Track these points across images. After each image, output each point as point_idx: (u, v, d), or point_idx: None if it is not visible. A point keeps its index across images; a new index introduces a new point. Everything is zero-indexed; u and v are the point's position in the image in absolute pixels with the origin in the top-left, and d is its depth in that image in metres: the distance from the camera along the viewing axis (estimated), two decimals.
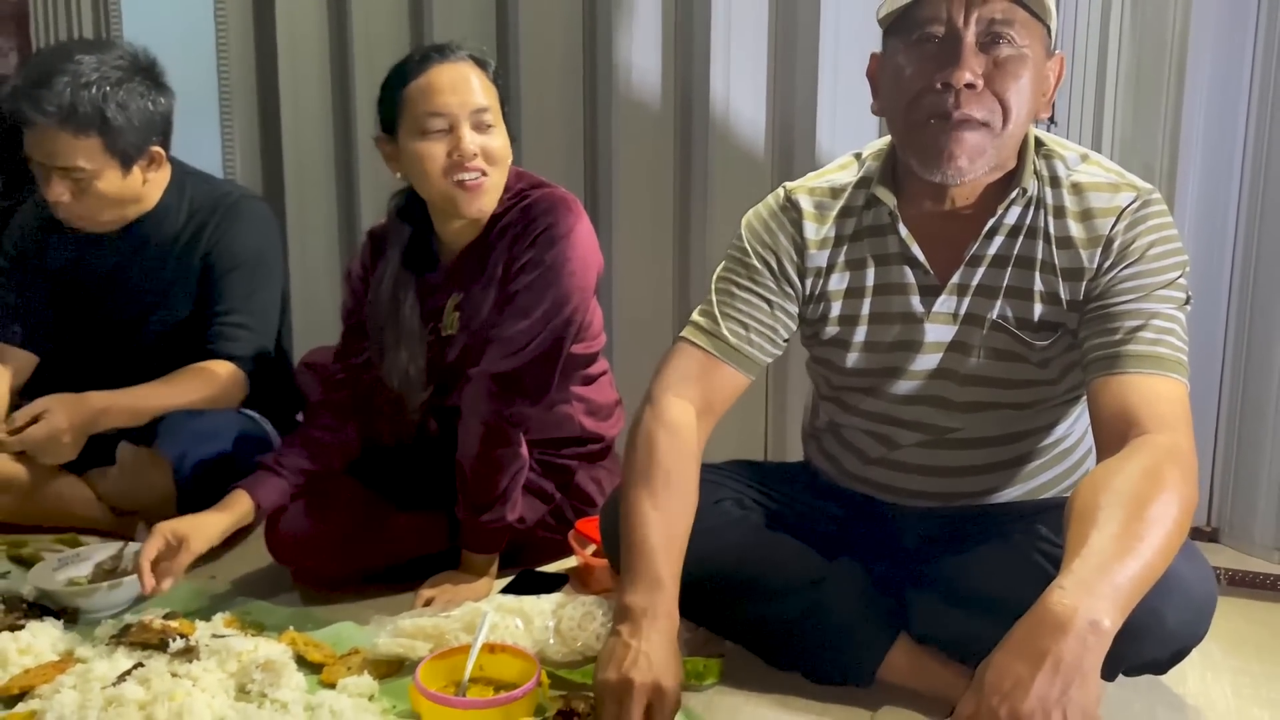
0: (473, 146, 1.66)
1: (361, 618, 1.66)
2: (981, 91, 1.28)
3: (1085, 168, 1.38)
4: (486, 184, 1.69)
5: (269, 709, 1.36)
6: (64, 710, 1.34)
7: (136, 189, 1.94)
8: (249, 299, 2.00)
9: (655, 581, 1.27)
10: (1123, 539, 1.07)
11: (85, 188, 1.87)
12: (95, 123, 1.82)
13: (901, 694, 1.40)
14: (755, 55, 2.19)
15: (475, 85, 1.67)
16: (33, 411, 1.72)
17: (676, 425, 1.39)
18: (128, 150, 1.88)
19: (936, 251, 1.41)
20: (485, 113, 1.67)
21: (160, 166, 1.97)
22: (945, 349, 1.42)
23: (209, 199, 2.02)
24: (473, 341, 1.75)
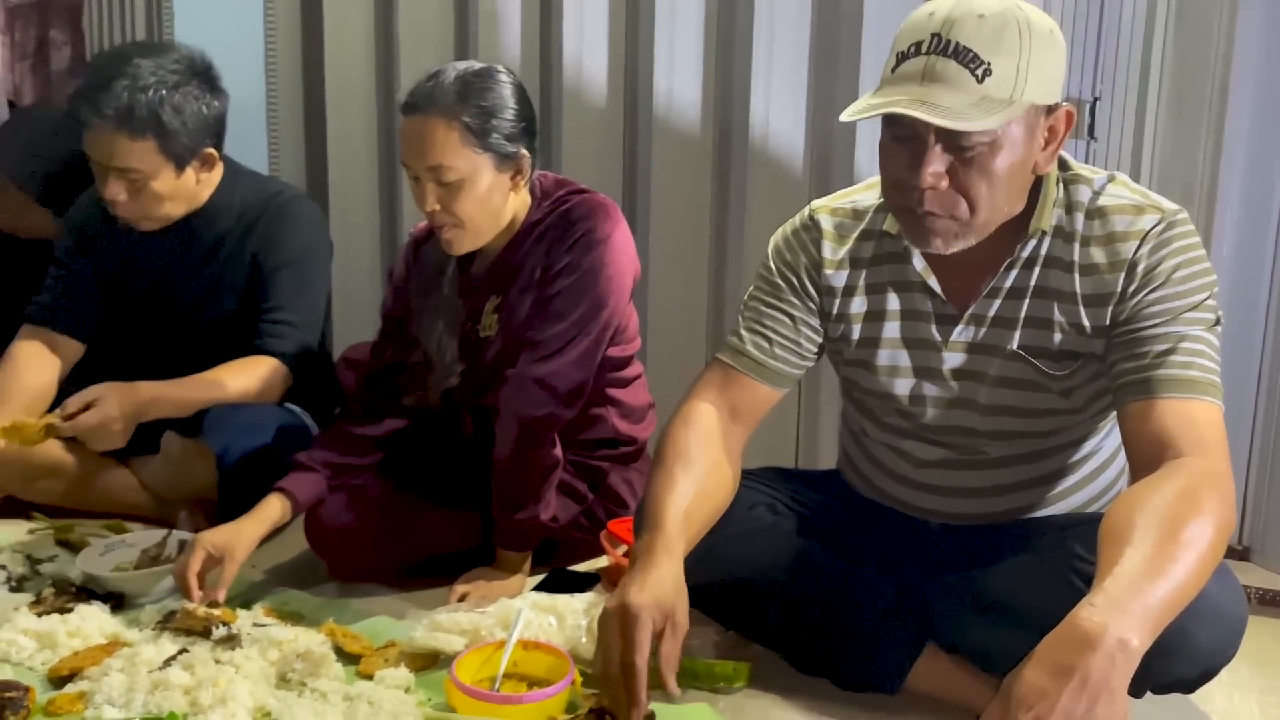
0: (430, 204, 1.67)
1: (398, 611, 1.70)
2: (945, 190, 1.27)
3: (1111, 190, 1.36)
4: (457, 235, 1.70)
5: (308, 698, 1.40)
6: (112, 692, 1.38)
7: (190, 189, 1.98)
8: (295, 297, 2.04)
9: (656, 529, 1.29)
10: (1156, 559, 1.08)
11: (140, 188, 1.91)
12: (151, 125, 1.86)
13: (927, 702, 1.42)
14: (795, 75, 2.22)
15: (434, 143, 1.63)
16: (85, 399, 1.77)
17: (698, 421, 1.43)
18: (182, 152, 1.92)
19: (954, 281, 1.42)
20: (440, 172, 1.64)
21: (213, 167, 2.01)
22: (963, 378, 1.43)
23: (260, 198, 2.06)
24: (510, 343, 1.78)
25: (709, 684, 1.48)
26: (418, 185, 1.68)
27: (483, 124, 1.65)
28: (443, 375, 1.84)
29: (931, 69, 1.22)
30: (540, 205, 1.79)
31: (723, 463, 1.41)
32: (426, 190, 1.66)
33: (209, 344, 2.03)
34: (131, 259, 2.07)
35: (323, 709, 1.36)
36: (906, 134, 1.27)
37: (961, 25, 1.22)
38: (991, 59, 1.21)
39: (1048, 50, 1.25)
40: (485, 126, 1.66)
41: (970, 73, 1.21)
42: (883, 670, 1.44)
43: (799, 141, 2.24)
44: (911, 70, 1.24)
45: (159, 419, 1.91)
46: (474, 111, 1.65)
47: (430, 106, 1.65)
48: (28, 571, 1.79)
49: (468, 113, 1.64)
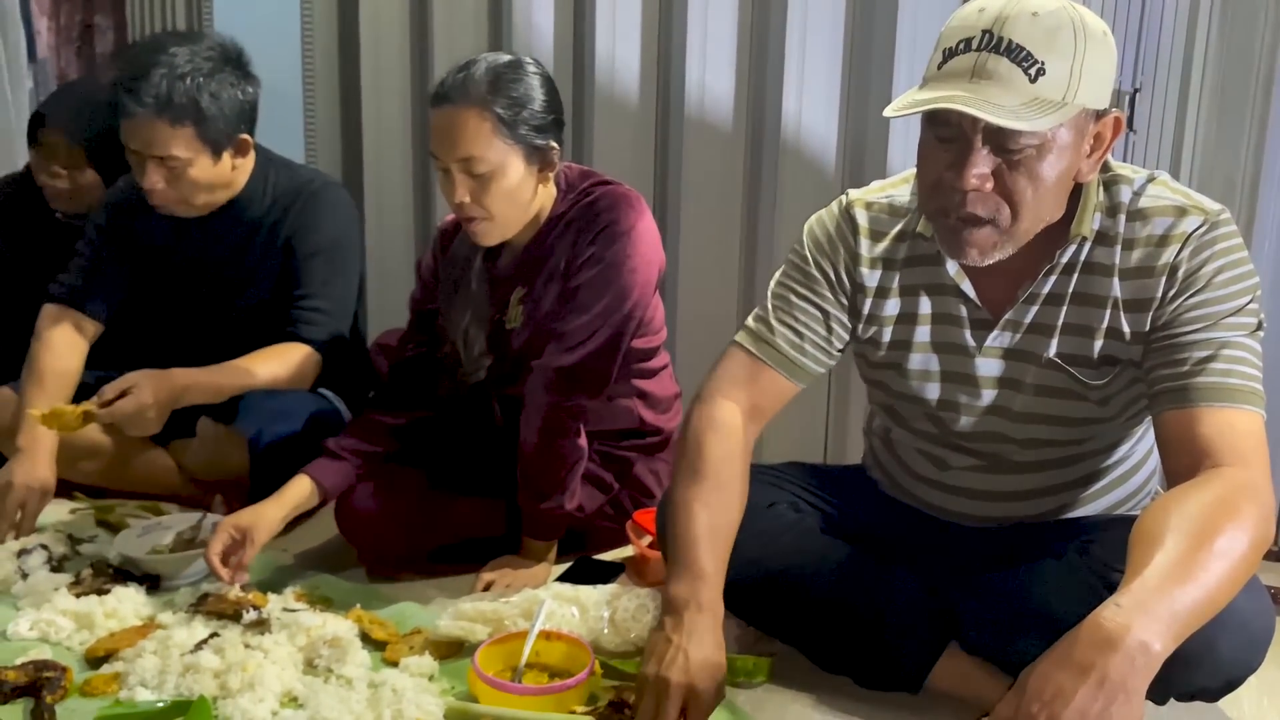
0: (459, 195, 1.67)
1: (424, 598, 1.72)
2: (988, 193, 1.23)
3: (1152, 190, 1.33)
4: (485, 227, 1.71)
5: (334, 684, 1.43)
6: (145, 674, 1.42)
7: (226, 175, 2.01)
8: (327, 284, 2.06)
9: (699, 573, 1.29)
10: (1186, 565, 1.06)
11: (179, 175, 1.94)
12: (190, 112, 1.89)
13: (948, 701, 1.42)
14: (829, 71, 2.19)
15: (465, 134, 1.64)
16: (121, 386, 1.80)
17: (725, 426, 1.41)
18: (219, 138, 1.95)
19: (989, 286, 1.39)
20: (471, 163, 1.65)
21: (247, 153, 2.03)
22: (998, 385, 1.41)
23: (292, 185, 2.08)
24: (536, 334, 1.79)
25: (729, 679, 1.47)
26: (446, 177, 1.69)
27: (514, 115, 1.66)
28: (471, 367, 1.86)
29: (982, 66, 1.19)
30: (566, 197, 1.79)
31: (742, 480, 1.41)
32: (456, 182, 1.67)
33: (242, 330, 2.06)
34: (166, 245, 2.10)
35: (347, 695, 1.39)
36: (951, 134, 1.23)
37: (1015, 23, 1.18)
38: (1045, 58, 1.18)
39: (1101, 52, 1.22)
40: (516, 118, 1.66)
41: (1023, 71, 1.18)
42: (905, 669, 1.43)
43: (832, 138, 2.22)
44: (960, 67, 1.20)
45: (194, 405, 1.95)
46: (505, 103, 1.65)
47: (462, 98, 1.65)
48: (68, 551, 1.83)
49: (499, 104, 1.65)
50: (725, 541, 1.34)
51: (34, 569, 1.74)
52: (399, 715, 1.34)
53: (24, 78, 3.51)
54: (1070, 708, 0.99)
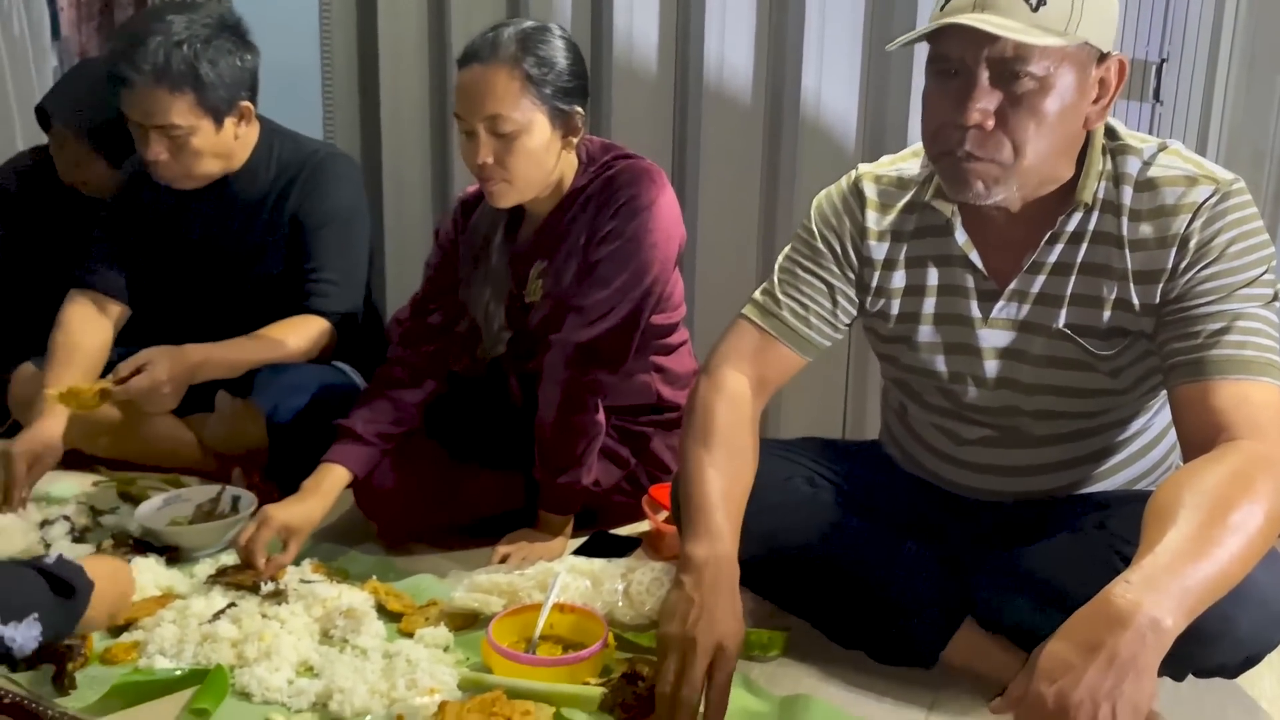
0: (482, 155, 1.66)
1: (440, 570, 1.73)
2: (992, 131, 1.23)
3: (1162, 160, 1.31)
4: (503, 189, 1.70)
5: (349, 654, 1.44)
6: (164, 643, 1.44)
7: (228, 145, 2.00)
8: (338, 255, 2.05)
9: (715, 532, 1.28)
10: (1199, 541, 1.04)
11: (182, 145, 1.94)
12: (189, 79, 1.88)
13: (964, 678, 1.41)
14: (849, 44, 2.17)
15: (494, 91, 1.64)
16: (136, 363, 1.81)
17: (733, 394, 1.41)
18: (219, 105, 1.94)
19: (996, 256, 1.38)
20: (498, 121, 1.65)
21: (249, 122, 2.03)
22: (1005, 356, 1.40)
23: (297, 157, 2.08)
24: (555, 308, 1.79)
25: (743, 652, 1.47)
26: (470, 139, 1.68)
27: (541, 75, 1.66)
28: (490, 342, 1.86)
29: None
30: (586, 170, 1.78)
31: (752, 448, 1.40)
32: (480, 142, 1.66)
33: (254, 303, 2.06)
34: (174, 222, 2.10)
35: (362, 665, 1.40)
36: (954, 68, 1.23)
37: None
38: None
39: None
40: (543, 78, 1.66)
41: (1024, 1, 1.18)
42: (919, 645, 1.43)
43: (852, 111, 2.19)
44: (963, 1, 1.21)
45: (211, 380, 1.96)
46: (533, 61, 1.65)
47: (491, 56, 1.65)
48: (90, 523, 1.85)
49: (527, 62, 1.65)
50: (739, 505, 1.34)
51: (56, 540, 1.76)
52: (413, 685, 1.35)
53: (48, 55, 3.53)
54: (1080, 686, 0.98)
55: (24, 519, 1.81)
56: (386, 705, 1.33)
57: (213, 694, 1.34)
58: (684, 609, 1.22)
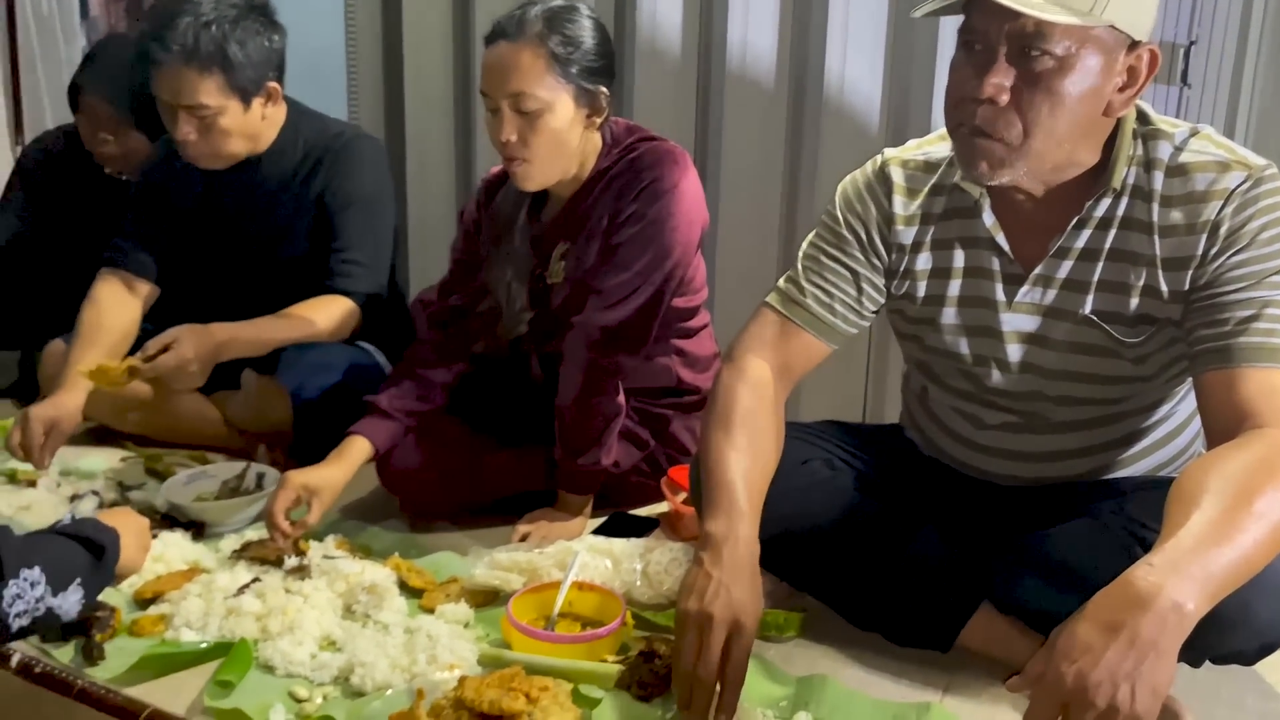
0: (506, 133, 1.67)
1: (461, 547, 1.75)
2: (1004, 107, 1.22)
3: (1194, 145, 1.29)
4: (526, 169, 1.70)
5: (371, 629, 1.46)
6: (189, 616, 1.47)
7: (256, 125, 2.02)
8: (363, 236, 2.07)
9: (734, 509, 1.27)
10: (1223, 526, 1.04)
11: (210, 125, 1.96)
12: (217, 59, 1.90)
13: (980, 660, 1.41)
14: (873, 27, 2.15)
15: (519, 68, 1.64)
16: (163, 341, 1.84)
17: (755, 380, 1.41)
18: (247, 86, 1.96)
19: (1023, 240, 1.37)
20: (522, 99, 1.65)
21: (276, 103, 2.05)
22: (1029, 341, 1.39)
23: (322, 138, 2.09)
24: (576, 290, 1.80)
25: (759, 632, 1.48)
26: (495, 117, 1.69)
27: (567, 54, 1.66)
28: (512, 323, 1.87)
29: None
30: (610, 152, 1.79)
31: (775, 433, 1.40)
32: (504, 120, 1.67)
33: (280, 283, 2.08)
34: (202, 202, 2.12)
35: (384, 640, 1.42)
36: (977, 40, 1.23)
37: None
38: None
39: None
40: (569, 57, 1.66)
41: None
42: (936, 627, 1.43)
43: (875, 94, 2.18)
44: None
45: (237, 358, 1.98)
46: (559, 40, 1.66)
47: (517, 34, 1.66)
48: (119, 498, 1.89)
49: (553, 40, 1.65)
50: (760, 487, 1.33)
51: (85, 514, 1.78)
52: (433, 660, 1.37)
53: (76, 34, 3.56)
54: (1099, 666, 0.97)
55: (53, 493, 1.84)
56: (407, 680, 1.34)
57: (237, 667, 1.36)
58: (702, 585, 1.22)
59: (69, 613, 1.30)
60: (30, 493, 1.85)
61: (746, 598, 1.21)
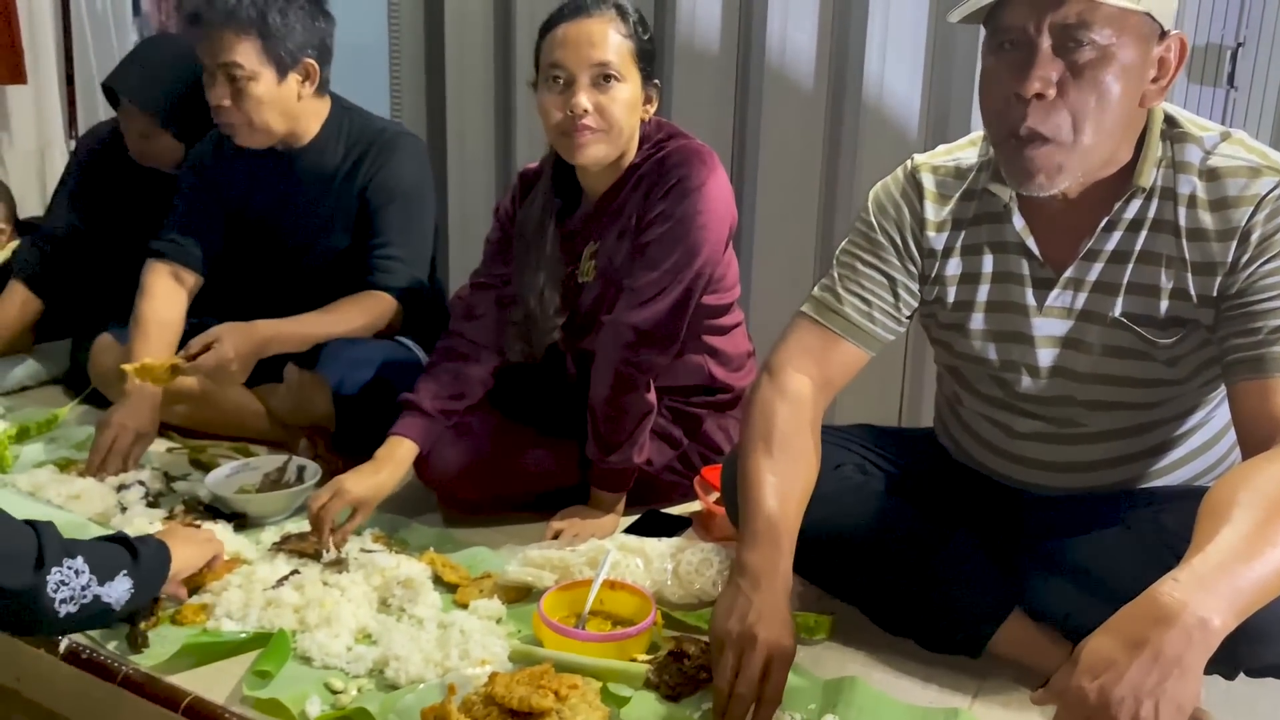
0: (584, 103, 1.68)
1: (495, 543, 1.77)
2: (1053, 102, 1.21)
3: (1225, 149, 1.28)
4: (596, 140, 1.71)
5: (406, 623, 1.49)
6: (230, 607, 1.50)
7: (291, 102, 2.05)
8: (404, 232, 2.10)
9: (774, 542, 1.29)
10: (1254, 540, 1.03)
11: (243, 90, 1.98)
12: (255, 23, 1.95)
13: (1011, 668, 1.41)
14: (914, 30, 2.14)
15: (604, 40, 1.69)
16: (205, 340, 1.88)
17: (794, 396, 1.41)
18: (283, 56, 1.99)
19: (1053, 243, 1.36)
20: (607, 68, 1.69)
21: (314, 83, 2.06)
22: (1061, 345, 1.38)
23: (365, 134, 2.12)
24: (607, 289, 1.81)
25: None
26: (563, 91, 1.70)
27: (640, 36, 1.73)
28: (546, 329, 1.87)
29: None
30: (641, 149, 1.80)
31: (813, 451, 1.40)
32: (579, 90, 1.69)
33: (322, 277, 2.11)
34: (246, 194, 2.16)
35: (418, 634, 1.44)
36: (1015, 38, 1.22)
37: None
38: None
39: None
40: (641, 38, 1.74)
41: None
42: (967, 633, 1.42)
43: (915, 97, 2.17)
44: None
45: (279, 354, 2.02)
46: (633, 19, 1.73)
47: (598, 10, 1.71)
48: (164, 489, 1.93)
49: (630, 21, 1.73)
50: (797, 513, 1.34)
51: (132, 503, 1.83)
52: (466, 655, 1.39)
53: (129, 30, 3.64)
54: (1123, 682, 0.97)
55: (102, 484, 1.89)
56: (440, 674, 1.37)
57: (275, 657, 1.39)
58: (742, 608, 1.23)
59: (119, 600, 1.33)
60: (80, 482, 1.89)
61: (785, 624, 1.24)
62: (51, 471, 1.96)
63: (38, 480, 1.90)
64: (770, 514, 1.31)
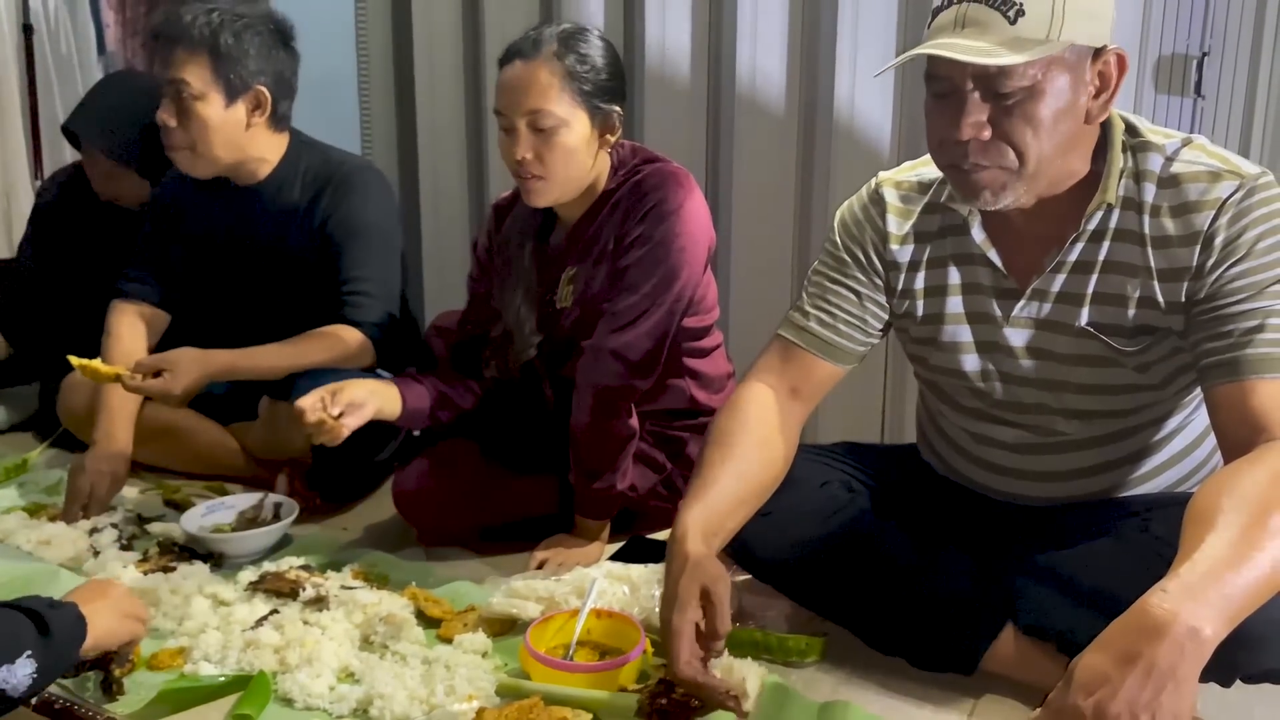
0: (521, 151, 1.68)
1: (479, 576, 1.74)
2: (989, 140, 1.23)
3: (1186, 155, 1.29)
4: (540, 186, 1.71)
5: (389, 660, 1.45)
6: (208, 649, 1.47)
7: (238, 131, 2.00)
8: (370, 266, 2.06)
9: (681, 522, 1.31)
10: (1239, 546, 1.02)
11: (188, 109, 1.95)
12: (206, 42, 1.93)
13: (1005, 684, 1.40)
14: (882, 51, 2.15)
15: (537, 87, 1.66)
16: (158, 364, 1.86)
17: (742, 403, 1.42)
18: (233, 79, 1.96)
19: (1016, 255, 1.37)
20: (539, 117, 1.67)
21: (265, 112, 2.02)
22: (1030, 355, 1.39)
23: (325, 169, 2.09)
24: (586, 314, 1.80)
25: (781, 658, 1.48)
26: (509, 137, 1.70)
27: (583, 72, 1.69)
28: (522, 347, 1.87)
29: (964, 16, 1.21)
30: (616, 174, 1.79)
31: (770, 438, 1.40)
32: (519, 138, 1.68)
33: (287, 313, 2.07)
34: (209, 231, 2.13)
35: (402, 671, 1.41)
36: (945, 89, 1.25)
37: None
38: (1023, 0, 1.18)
39: None
40: (584, 75, 1.69)
41: (1002, 15, 1.19)
42: (959, 651, 1.41)
43: (886, 119, 2.18)
44: (946, 21, 1.23)
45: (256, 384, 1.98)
46: (574, 59, 1.68)
47: (533, 53, 1.68)
48: (137, 531, 1.89)
49: (568, 59, 1.68)
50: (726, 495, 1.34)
51: (104, 546, 1.80)
52: (451, 691, 1.36)
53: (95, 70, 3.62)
54: (1118, 698, 0.96)
55: (74, 528, 1.85)
56: (426, 711, 1.34)
57: (256, 700, 1.36)
58: None
59: (18, 687, 1.18)
60: (50, 527, 1.85)
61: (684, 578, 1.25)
62: (21, 517, 1.92)
63: (7, 526, 1.87)
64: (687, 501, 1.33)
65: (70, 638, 1.24)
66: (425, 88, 2.68)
